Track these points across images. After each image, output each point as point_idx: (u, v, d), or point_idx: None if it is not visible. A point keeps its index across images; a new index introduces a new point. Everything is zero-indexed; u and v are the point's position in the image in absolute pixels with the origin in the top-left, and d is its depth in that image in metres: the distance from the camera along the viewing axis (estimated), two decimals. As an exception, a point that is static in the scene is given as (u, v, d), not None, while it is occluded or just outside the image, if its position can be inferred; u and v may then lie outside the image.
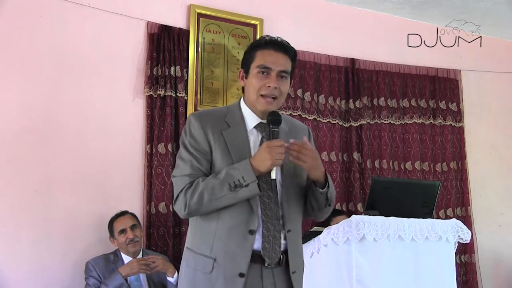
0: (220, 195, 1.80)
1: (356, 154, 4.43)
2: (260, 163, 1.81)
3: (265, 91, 1.91)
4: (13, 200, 3.33)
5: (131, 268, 3.19)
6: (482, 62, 4.99)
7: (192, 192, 1.83)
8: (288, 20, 4.36)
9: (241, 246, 1.84)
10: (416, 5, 4.55)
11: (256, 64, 1.94)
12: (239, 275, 1.82)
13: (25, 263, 3.32)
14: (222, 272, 1.83)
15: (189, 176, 1.87)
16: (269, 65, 1.93)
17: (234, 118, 1.96)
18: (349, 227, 2.74)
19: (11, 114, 3.39)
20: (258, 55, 1.95)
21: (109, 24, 3.74)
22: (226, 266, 1.83)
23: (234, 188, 1.79)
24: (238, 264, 1.83)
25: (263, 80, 1.92)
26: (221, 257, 1.84)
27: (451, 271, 3.08)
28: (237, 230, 1.85)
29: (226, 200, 1.81)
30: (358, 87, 4.51)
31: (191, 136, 1.91)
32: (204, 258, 1.86)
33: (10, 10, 3.46)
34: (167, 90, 3.78)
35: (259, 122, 1.97)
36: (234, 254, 1.84)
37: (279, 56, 1.95)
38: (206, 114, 1.99)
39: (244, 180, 1.79)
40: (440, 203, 4.61)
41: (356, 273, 2.74)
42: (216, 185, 1.81)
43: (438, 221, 3.06)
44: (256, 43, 2.02)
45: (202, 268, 1.86)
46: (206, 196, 1.81)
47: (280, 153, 1.81)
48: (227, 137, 1.90)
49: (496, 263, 4.83)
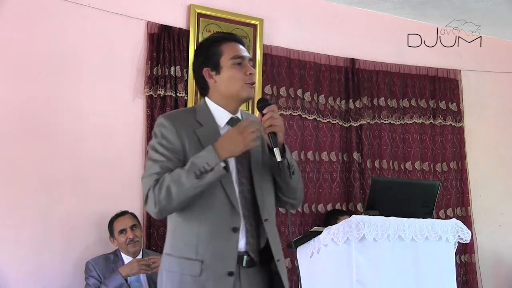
0: (187, 185, 1.76)
1: (356, 154, 4.43)
2: (230, 146, 1.79)
3: (249, 79, 1.95)
4: (13, 200, 3.33)
5: (131, 269, 3.20)
6: (482, 62, 4.99)
7: (159, 188, 1.80)
8: (288, 20, 4.36)
9: (227, 245, 1.83)
10: (416, 5, 4.55)
11: (228, 57, 1.94)
12: (228, 274, 1.81)
13: (25, 263, 3.32)
14: (211, 273, 1.81)
15: (157, 174, 1.84)
16: (242, 54, 1.97)
17: (205, 116, 1.95)
18: (349, 227, 2.74)
19: (11, 114, 3.39)
20: (224, 48, 1.96)
21: (109, 24, 3.74)
22: (214, 266, 1.82)
23: (200, 175, 1.76)
24: (226, 263, 1.82)
25: (241, 69, 1.94)
26: (208, 258, 1.82)
27: (451, 271, 3.08)
28: (220, 230, 1.84)
29: (195, 189, 1.77)
30: (358, 87, 4.51)
31: (163, 137, 1.88)
32: (190, 262, 1.83)
33: (10, 10, 3.45)
34: (167, 90, 3.78)
35: (231, 118, 1.97)
36: (221, 253, 1.82)
37: (242, 47, 2.00)
38: (177, 115, 1.99)
39: (208, 165, 1.76)
40: (440, 203, 4.61)
41: (356, 273, 2.74)
42: (182, 175, 1.77)
43: (438, 221, 3.06)
44: (213, 39, 2.02)
45: (190, 272, 1.82)
46: (173, 188, 1.77)
47: (253, 132, 1.79)
48: (200, 136, 1.89)
49: (496, 263, 4.83)
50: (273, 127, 1.86)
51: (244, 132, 1.78)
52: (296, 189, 2.01)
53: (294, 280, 3.94)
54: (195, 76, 2.03)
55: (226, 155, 1.79)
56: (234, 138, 1.79)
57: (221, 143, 1.80)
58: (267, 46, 4.19)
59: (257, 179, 1.93)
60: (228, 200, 1.85)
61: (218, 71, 1.95)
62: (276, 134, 1.86)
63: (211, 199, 1.85)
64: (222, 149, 1.78)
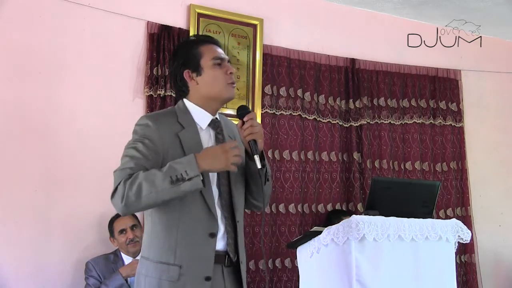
0: (160, 188, 1.74)
1: (356, 154, 4.43)
2: (212, 162, 1.80)
3: (230, 79, 1.97)
4: (13, 200, 3.33)
5: (131, 269, 3.20)
6: (482, 62, 4.99)
7: (131, 183, 1.78)
8: (288, 20, 4.36)
9: (204, 250, 1.85)
10: (416, 5, 4.55)
11: (209, 58, 1.97)
12: (205, 278, 1.83)
13: (25, 263, 3.32)
14: (189, 278, 1.82)
15: (131, 169, 1.84)
16: (222, 55, 2.00)
17: (186, 119, 1.96)
18: (349, 227, 2.74)
19: (11, 114, 3.40)
20: (203, 50, 1.98)
21: (109, 24, 3.74)
22: (192, 271, 1.82)
23: (176, 181, 1.74)
24: (203, 268, 1.83)
25: (222, 69, 1.97)
26: (186, 263, 1.83)
27: (451, 271, 3.08)
28: (198, 235, 1.85)
29: (167, 193, 1.76)
30: (358, 87, 4.51)
31: (145, 137, 1.89)
32: (168, 267, 1.83)
33: (10, 10, 3.46)
34: (167, 90, 3.77)
35: (212, 120, 1.99)
36: (199, 258, 1.84)
37: (220, 49, 2.03)
38: (159, 116, 1.99)
39: (187, 174, 1.75)
40: (440, 203, 4.61)
41: (356, 273, 2.73)
42: (158, 177, 1.76)
43: (438, 221, 3.05)
44: (192, 41, 2.04)
45: (168, 277, 1.82)
46: (145, 187, 1.76)
47: (236, 156, 1.83)
48: (183, 139, 1.90)
49: (496, 263, 4.83)
50: (253, 134, 1.88)
51: (229, 153, 1.81)
52: (266, 194, 2.03)
53: (294, 280, 3.94)
54: (174, 79, 2.03)
55: (205, 168, 1.80)
56: (217, 156, 1.81)
57: (204, 156, 1.80)
58: (267, 46, 4.19)
59: (233, 181, 1.96)
60: (206, 205, 1.87)
61: (199, 72, 1.97)
62: (256, 141, 1.89)
63: (190, 204, 1.86)
64: (203, 161, 1.79)
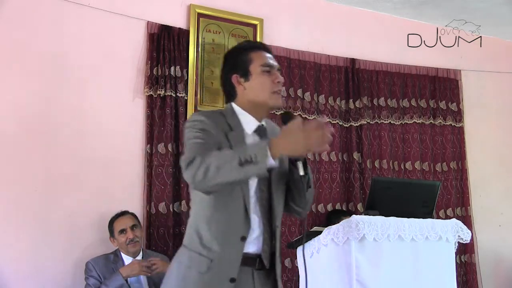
0: (228, 168, 1.69)
1: (356, 154, 4.43)
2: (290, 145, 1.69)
3: (276, 87, 1.96)
4: (13, 200, 3.33)
5: (132, 270, 3.20)
6: (482, 62, 4.99)
7: (201, 161, 1.73)
8: (288, 20, 4.36)
9: (233, 252, 1.86)
10: (416, 5, 4.55)
11: (258, 64, 1.96)
12: (230, 280, 1.84)
13: (25, 263, 3.32)
14: (215, 274, 1.83)
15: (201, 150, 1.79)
16: (271, 63, 1.99)
17: (234, 121, 1.96)
18: (349, 227, 2.74)
19: (11, 114, 3.40)
20: (254, 57, 1.98)
21: (109, 24, 3.74)
22: (219, 269, 1.84)
23: (244, 163, 1.67)
24: (230, 269, 1.84)
25: (270, 77, 1.96)
26: (216, 259, 1.84)
27: (451, 271, 3.08)
28: (230, 236, 1.86)
29: (232, 175, 1.69)
30: (358, 87, 4.51)
31: (204, 130, 1.86)
32: (200, 257, 1.85)
33: (10, 10, 3.46)
34: (167, 90, 3.78)
35: (258, 126, 1.98)
36: (227, 258, 1.85)
37: (271, 56, 2.03)
38: (211, 115, 1.96)
39: (255, 157, 1.67)
40: (440, 203, 4.61)
41: (356, 273, 2.74)
42: (227, 156, 1.71)
43: (438, 221, 3.05)
44: (243, 47, 2.04)
45: (197, 266, 1.85)
46: (213, 167, 1.70)
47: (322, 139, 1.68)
48: (231, 140, 1.90)
49: (496, 263, 4.83)
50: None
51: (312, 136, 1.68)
52: (308, 201, 2.01)
53: (294, 280, 3.94)
54: (223, 82, 2.04)
55: (279, 152, 1.69)
56: (297, 140, 1.69)
57: (280, 141, 1.70)
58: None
59: (274, 187, 1.94)
60: (245, 209, 1.86)
61: (247, 78, 1.97)
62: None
63: (230, 204, 1.86)
64: (279, 146, 1.69)
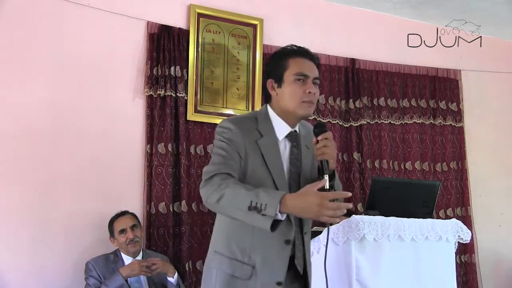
0: (237, 207, 1.74)
1: (356, 154, 4.43)
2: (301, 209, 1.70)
3: (307, 97, 1.94)
4: (13, 200, 3.33)
5: (132, 270, 3.19)
6: (482, 62, 4.99)
7: (218, 187, 1.78)
8: (288, 20, 4.36)
9: (279, 255, 1.88)
10: (416, 5, 4.55)
11: (292, 72, 1.95)
12: (277, 283, 1.86)
13: (25, 263, 3.32)
14: (260, 280, 1.86)
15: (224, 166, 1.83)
16: (306, 72, 1.96)
17: (266, 127, 1.97)
18: (349, 227, 2.74)
19: (11, 114, 3.40)
20: (291, 63, 1.97)
21: (109, 24, 3.74)
22: (264, 274, 1.86)
23: (253, 209, 1.70)
24: (275, 273, 1.87)
25: (302, 87, 1.94)
26: (259, 265, 1.86)
27: (451, 271, 3.08)
28: (274, 240, 1.87)
29: (240, 215, 1.75)
30: (358, 87, 4.51)
31: (229, 140, 1.89)
32: (242, 265, 1.87)
33: (10, 10, 3.46)
34: (167, 90, 3.78)
35: (290, 132, 1.99)
36: (272, 263, 1.87)
37: (311, 64, 1.99)
38: (241, 121, 1.98)
39: (264, 208, 1.69)
40: (440, 203, 4.61)
41: (356, 273, 2.74)
42: (241, 195, 1.74)
43: (438, 221, 3.06)
44: (284, 52, 2.02)
45: (240, 274, 1.87)
46: (225, 200, 1.76)
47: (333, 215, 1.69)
48: (262, 147, 1.91)
49: (496, 263, 4.83)
50: (324, 155, 1.86)
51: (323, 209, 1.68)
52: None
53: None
54: (263, 84, 2.08)
55: (289, 211, 1.72)
56: (310, 206, 1.69)
57: (293, 200, 1.70)
58: (267, 46, 4.19)
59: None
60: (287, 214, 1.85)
61: (280, 85, 1.97)
62: (328, 161, 1.87)
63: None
64: (290, 205, 1.70)
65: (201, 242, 3.77)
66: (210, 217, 3.83)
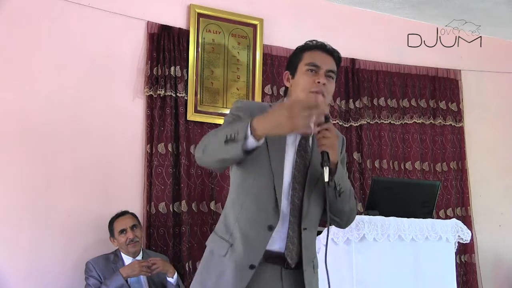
0: (218, 147, 1.71)
1: (356, 154, 4.43)
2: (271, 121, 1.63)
3: (315, 87, 1.90)
4: (13, 200, 3.33)
5: (132, 270, 3.19)
6: (482, 62, 4.99)
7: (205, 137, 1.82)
8: (288, 20, 4.36)
9: (258, 239, 1.84)
10: (416, 5, 4.55)
11: (304, 63, 1.95)
12: (250, 266, 1.81)
13: (25, 263, 3.32)
14: (234, 258, 1.83)
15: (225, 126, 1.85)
16: (318, 63, 1.93)
17: None
18: (349, 227, 2.74)
19: (11, 114, 3.40)
20: (306, 55, 1.97)
21: (109, 24, 3.74)
22: (239, 254, 1.83)
23: (229, 140, 1.66)
24: (251, 255, 1.82)
25: (312, 77, 1.92)
26: (237, 244, 1.84)
27: (451, 271, 3.09)
28: (257, 223, 1.85)
29: (221, 153, 1.72)
30: (358, 87, 4.51)
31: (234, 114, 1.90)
32: (222, 241, 1.86)
33: (10, 10, 3.46)
34: (167, 90, 3.78)
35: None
36: (250, 245, 1.83)
37: (327, 57, 1.97)
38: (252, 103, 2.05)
39: (237, 134, 1.64)
40: (440, 203, 4.61)
41: (356, 273, 2.74)
42: (219, 134, 1.72)
43: (438, 221, 3.06)
44: (303, 47, 2.03)
45: (218, 250, 1.86)
46: (212, 139, 1.76)
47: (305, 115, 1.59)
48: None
49: (496, 263, 4.83)
50: (323, 146, 1.80)
51: (293, 111, 1.60)
52: (342, 211, 1.96)
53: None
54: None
55: (263, 132, 1.64)
56: (280, 120, 1.61)
57: (263, 120, 1.65)
58: (267, 46, 4.19)
59: (308, 189, 1.92)
60: (275, 198, 1.85)
61: (293, 75, 1.98)
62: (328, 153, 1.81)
63: (260, 190, 1.86)
64: (261, 125, 1.64)
65: (201, 242, 3.77)
66: (210, 217, 3.84)
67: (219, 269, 1.83)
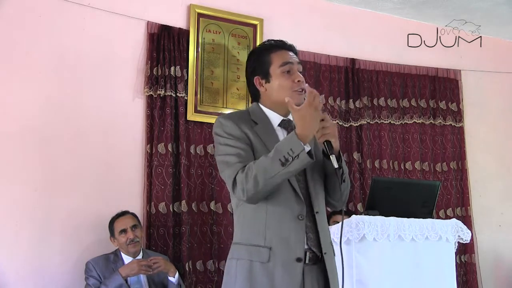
0: (273, 173, 1.79)
1: (356, 154, 4.43)
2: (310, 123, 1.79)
3: (297, 86, 1.98)
4: (13, 200, 3.33)
5: (131, 269, 3.19)
6: (482, 62, 4.99)
7: (245, 177, 1.83)
8: (288, 20, 4.36)
9: (294, 231, 1.87)
10: (416, 5, 4.55)
11: (277, 65, 2.00)
12: (297, 259, 1.85)
13: (25, 263, 3.32)
14: (279, 259, 1.85)
15: (239, 162, 1.88)
16: (290, 60, 2.01)
17: (259, 116, 2.01)
18: (349, 227, 2.74)
19: (11, 114, 3.40)
20: (274, 57, 2.01)
21: (109, 24, 3.74)
22: (282, 253, 1.85)
23: (286, 162, 1.77)
24: (293, 249, 1.86)
25: (290, 77, 1.98)
26: (276, 245, 1.86)
27: (451, 271, 3.08)
28: (286, 217, 1.88)
29: (281, 176, 1.80)
30: (358, 87, 4.51)
31: (229, 134, 1.93)
32: (259, 249, 1.87)
33: (10, 10, 3.46)
34: (167, 90, 3.78)
35: (282, 119, 2.02)
36: (288, 240, 1.86)
37: (292, 53, 2.04)
38: (233, 115, 2.03)
39: (292, 152, 1.77)
40: (440, 203, 4.61)
41: (356, 273, 2.74)
42: (268, 164, 1.80)
43: (438, 221, 3.06)
44: (265, 47, 2.07)
45: (258, 258, 1.86)
46: (260, 178, 1.80)
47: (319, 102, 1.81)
48: (259, 132, 1.95)
49: (496, 263, 4.83)
50: (325, 135, 1.87)
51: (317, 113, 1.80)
52: (344, 194, 2.03)
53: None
54: (247, 83, 2.10)
55: (306, 137, 1.79)
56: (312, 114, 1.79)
57: (301, 126, 1.79)
58: (267, 46, 4.18)
59: (309, 177, 1.97)
60: (293, 190, 1.90)
61: (268, 80, 2.01)
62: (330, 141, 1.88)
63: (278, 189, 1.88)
64: (304, 130, 1.79)
65: (201, 242, 3.77)
66: (210, 217, 3.84)
67: (267, 275, 1.85)
